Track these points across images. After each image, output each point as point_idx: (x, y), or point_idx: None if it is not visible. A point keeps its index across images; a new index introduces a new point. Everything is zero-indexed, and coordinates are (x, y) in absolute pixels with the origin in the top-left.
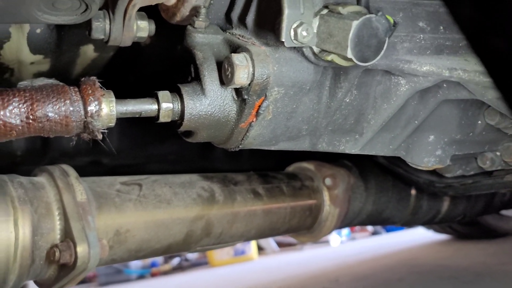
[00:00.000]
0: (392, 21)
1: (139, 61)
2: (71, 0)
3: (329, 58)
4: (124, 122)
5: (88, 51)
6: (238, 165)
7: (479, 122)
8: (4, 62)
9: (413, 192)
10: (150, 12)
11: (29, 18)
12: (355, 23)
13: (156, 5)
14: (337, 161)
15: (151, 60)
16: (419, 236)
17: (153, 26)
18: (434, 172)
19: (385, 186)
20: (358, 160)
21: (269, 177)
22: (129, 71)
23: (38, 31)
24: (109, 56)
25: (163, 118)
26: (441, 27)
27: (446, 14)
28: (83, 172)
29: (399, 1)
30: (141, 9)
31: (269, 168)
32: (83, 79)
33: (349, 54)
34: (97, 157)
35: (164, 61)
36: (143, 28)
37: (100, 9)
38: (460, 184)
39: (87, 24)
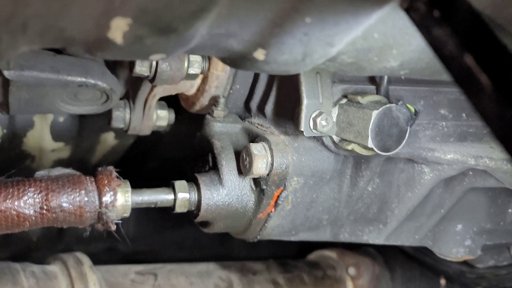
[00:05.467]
0: (413, 110)
1: (159, 147)
2: (92, 91)
3: (349, 147)
4: (141, 208)
5: (109, 139)
6: (257, 252)
7: (510, 210)
8: (26, 150)
9: (442, 282)
10: (170, 99)
11: (51, 108)
12: (375, 113)
13: (176, 94)
14: (360, 249)
15: (171, 146)
16: None
17: (172, 115)
18: (464, 262)
19: (412, 275)
20: (382, 248)
21: (289, 265)
22: (149, 157)
23: (61, 119)
24: (129, 143)
25: (179, 209)
26: (464, 114)
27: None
28: (98, 259)
29: (420, 89)
30: (161, 98)
31: (289, 256)
32: (100, 168)
33: (370, 144)
34: (113, 243)
35: (184, 147)
36: (163, 117)
37: (120, 99)
38: (493, 275)
39: (108, 114)
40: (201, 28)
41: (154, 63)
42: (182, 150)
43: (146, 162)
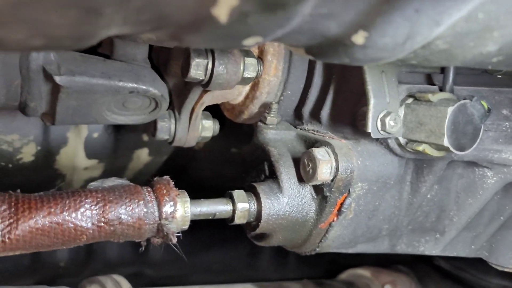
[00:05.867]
0: (486, 107)
1: (193, 165)
2: (142, 99)
3: (420, 148)
4: None
5: (142, 156)
6: (285, 274)
7: None
8: (58, 168)
9: None
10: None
11: (97, 118)
12: (450, 109)
13: (217, 106)
14: (391, 267)
15: (205, 164)
16: None
17: (217, 126)
18: (507, 276)
19: None
20: (414, 265)
21: (325, 285)
22: (182, 176)
23: (96, 135)
24: (162, 160)
25: (238, 220)
26: None
27: None
28: None
29: (481, 89)
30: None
31: (317, 277)
32: (156, 178)
33: (446, 143)
34: (140, 268)
35: (219, 165)
36: (208, 128)
37: None
38: None
39: (150, 126)
40: (306, 6)
41: (210, 66)
42: (217, 167)
43: (180, 180)
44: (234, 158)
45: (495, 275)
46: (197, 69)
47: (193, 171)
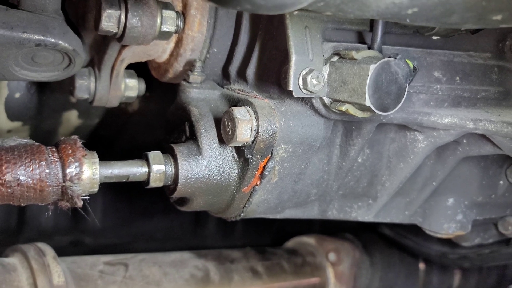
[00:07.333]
0: (412, 65)
1: (127, 129)
2: (53, 53)
3: (343, 108)
4: (109, 197)
5: (72, 118)
6: (231, 242)
7: (501, 182)
8: None
9: (421, 266)
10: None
11: (5, 74)
12: (372, 67)
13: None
14: (338, 235)
15: (140, 128)
16: None
17: (143, 85)
18: (446, 243)
19: (392, 260)
20: (360, 233)
21: (268, 253)
22: (116, 141)
23: (17, 95)
24: (94, 123)
25: (154, 183)
26: (457, 78)
27: (461, 64)
28: (62, 253)
29: (412, 50)
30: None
31: (264, 245)
32: (62, 138)
33: (367, 102)
34: (78, 236)
35: (154, 128)
36: (132, 87)
37: (85, 67)
38: (476, 255)
39: (70, 84)
40: None
41: (123, 18)
42: (152, 132)
43: (114, 146)
44: None
45: (436, 242)
46: (109, 21)
47: (128, 136)
